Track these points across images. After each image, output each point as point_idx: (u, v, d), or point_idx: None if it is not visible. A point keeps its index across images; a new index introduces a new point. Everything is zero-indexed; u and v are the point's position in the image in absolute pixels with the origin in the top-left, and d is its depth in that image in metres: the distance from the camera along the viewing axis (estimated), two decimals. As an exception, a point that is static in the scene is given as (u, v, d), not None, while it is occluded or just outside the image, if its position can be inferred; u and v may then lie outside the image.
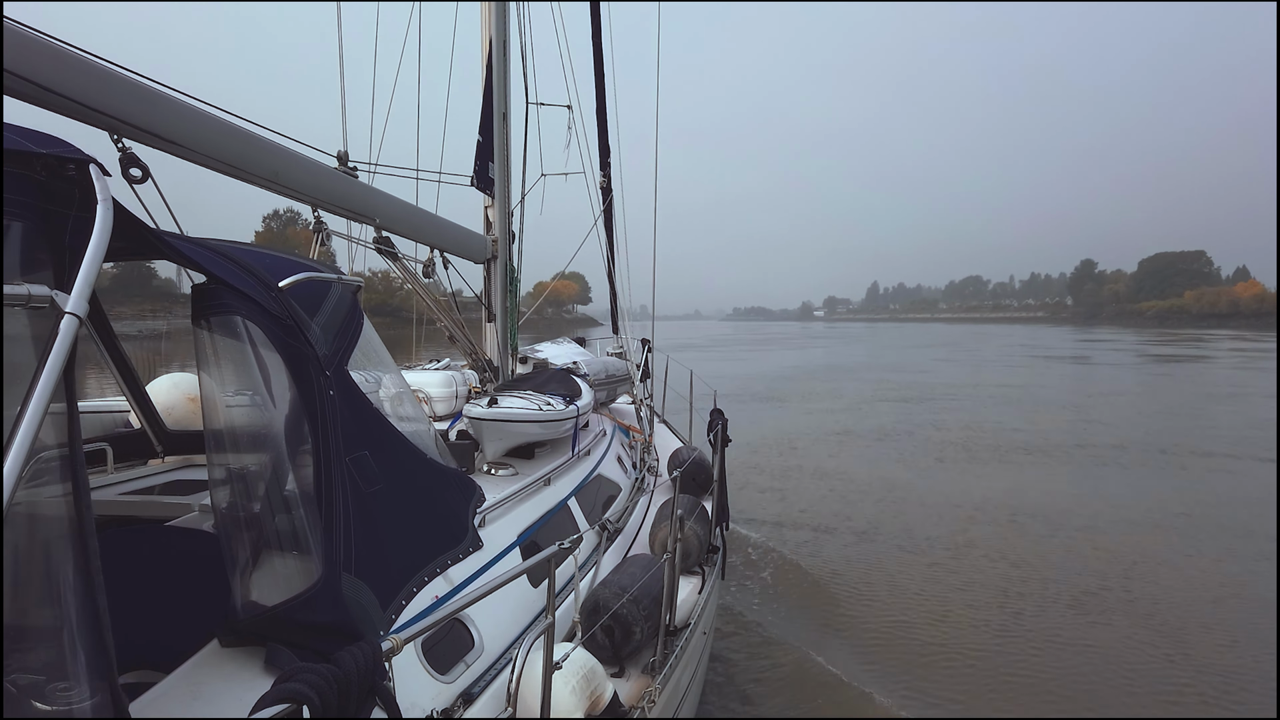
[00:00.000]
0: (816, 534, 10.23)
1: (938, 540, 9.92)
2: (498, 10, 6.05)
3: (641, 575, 3.54)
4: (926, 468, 14.58)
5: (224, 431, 2.16)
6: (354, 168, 4.50)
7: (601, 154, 8.54)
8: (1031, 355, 52.44)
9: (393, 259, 4.81)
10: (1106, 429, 19.21)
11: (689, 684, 4.07)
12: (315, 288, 2.54)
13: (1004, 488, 12.85)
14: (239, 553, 2.05)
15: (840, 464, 14.84)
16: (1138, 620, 7.43)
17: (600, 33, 8.29)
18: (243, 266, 2.25)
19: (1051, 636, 7.05)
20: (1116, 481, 13.41)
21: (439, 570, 2.81)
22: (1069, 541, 9.89)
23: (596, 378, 6.91)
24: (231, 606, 2.01)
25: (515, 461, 4.43)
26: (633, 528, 5.06)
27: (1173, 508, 11.55)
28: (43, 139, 1.65)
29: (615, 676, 3.32)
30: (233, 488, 2.13)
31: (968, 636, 7.05)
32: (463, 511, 3.23)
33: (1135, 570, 8.83)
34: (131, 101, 2.69)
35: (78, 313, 1.40)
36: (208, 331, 2.13)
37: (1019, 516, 11.02)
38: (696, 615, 4.05)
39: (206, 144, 3.07)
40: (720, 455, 5.56)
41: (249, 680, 1.91)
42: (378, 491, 2.50)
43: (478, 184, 6.02)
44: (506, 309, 6.23)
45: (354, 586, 2.22)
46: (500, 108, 6.09)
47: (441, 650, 2.69)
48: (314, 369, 2.28)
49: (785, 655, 6.57)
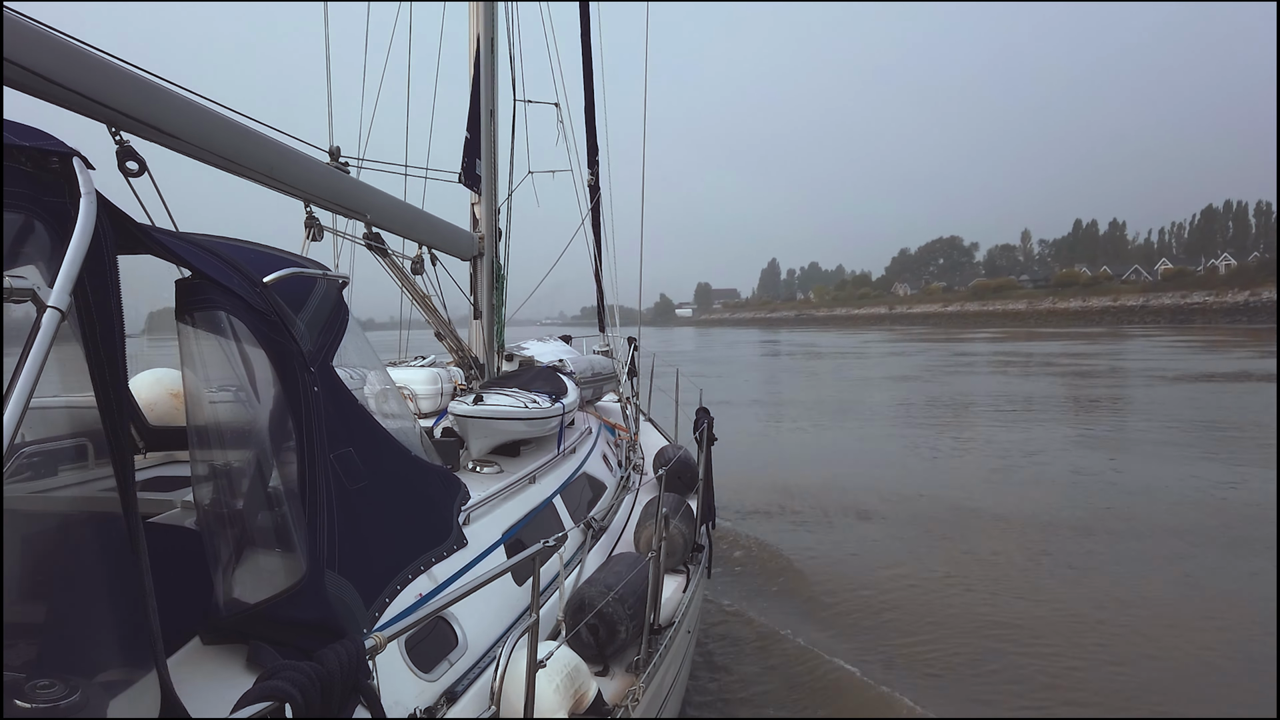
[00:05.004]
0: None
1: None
2: (485, 8, 6.03)
3: (626, 573, 3.55)
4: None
5: (207, 427, 2.15)
6: (345, 163, 4.48)
7: (589, 152, 8.54)
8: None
9: (382, 255, 4.79)
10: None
11: (673, 683, 4.09)
12: (300, 283, 2.53)
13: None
14: (221, 550, 2.04)
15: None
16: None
17: (589, 31, 8.29)
18: (227, 261, 2.24)
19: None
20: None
21: (423, 568, 2.80)
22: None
23: (582, 376, 6.91)
24: (214, 604, 2.00)
25: (500, 459, 4.43)
26: (618, 526, 5.07)
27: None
28: (26, 132, 1.63)
29: (599, 675, 3.32)
30: (215, 484, 2.12)
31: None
32: (447, 509, 3.23)
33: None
34: (131, 94, 2.66)
35: (60, 306, 1.39)
36: (191, 327, 2.12)
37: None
38: (681, 614, 4.07)
39: (205, 138, 3.05)
40: (706, 454, 5.58)
41: (231, 678, 1.90)
42: (362, 488, 2.49)
43: (465, 181, 6.00)
44: (493, 306, 6.22)
45: (337, 584, 2.21)
46: (488, 104, 6.07)
47: (425, 648, 2.69)
48: (298, 365, 2.27)
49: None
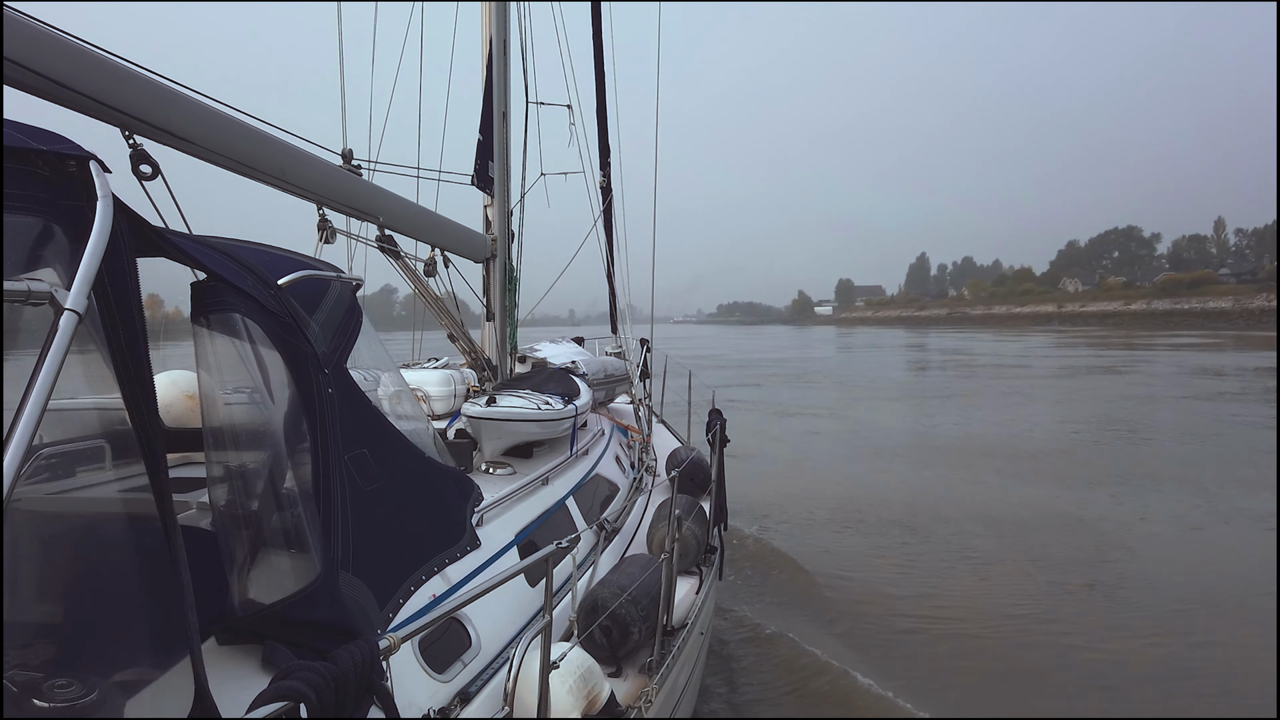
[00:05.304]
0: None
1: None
2: (498, 10, 6.05)
3: (639, 575, 3.54)
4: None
5: (223, 429, 2.16)
6: (358, 166, 4.50)
7: (601, 154, 8.54)
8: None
9: (395, 257, 4.81)
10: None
11: (686, 684, 4.07)
12: (314, 286, 2.54)
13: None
14: (237, 550, 2.05)
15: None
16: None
17: (600, 32, 8.29)
18: (242, 264, 2.25)
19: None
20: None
21: (437, 569, 2.81)
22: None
23: (595, 377, 6.91)
24: (229, 604, 2.01)
25: (513, 461, 4.43)
26: (630, 527, 5.06)
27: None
28: (44, 135, 1.65)
29: (612, 676, 3.32)
30: (231, 485, 2.13)
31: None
32: (460, 510, 3.23)
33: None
34: (145, 98, 2.68)
35: (77, 309, 1.39)
36: (207, 329, 2.13)
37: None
38: (694, 615, 4.06)
39: (218, 142, 3.06)
40: (719, 455, 5.56)
41: (246, 678, 1.91)
42: (376, 490, 2.50)
43: (478, 183, 6.02)
44: (505, 308, 6.24)
45: (352, 585, 2.22)
46: (500, 107, 6.09)
47: (439, 649, 2.69)
48: (313, 367, 2.28)
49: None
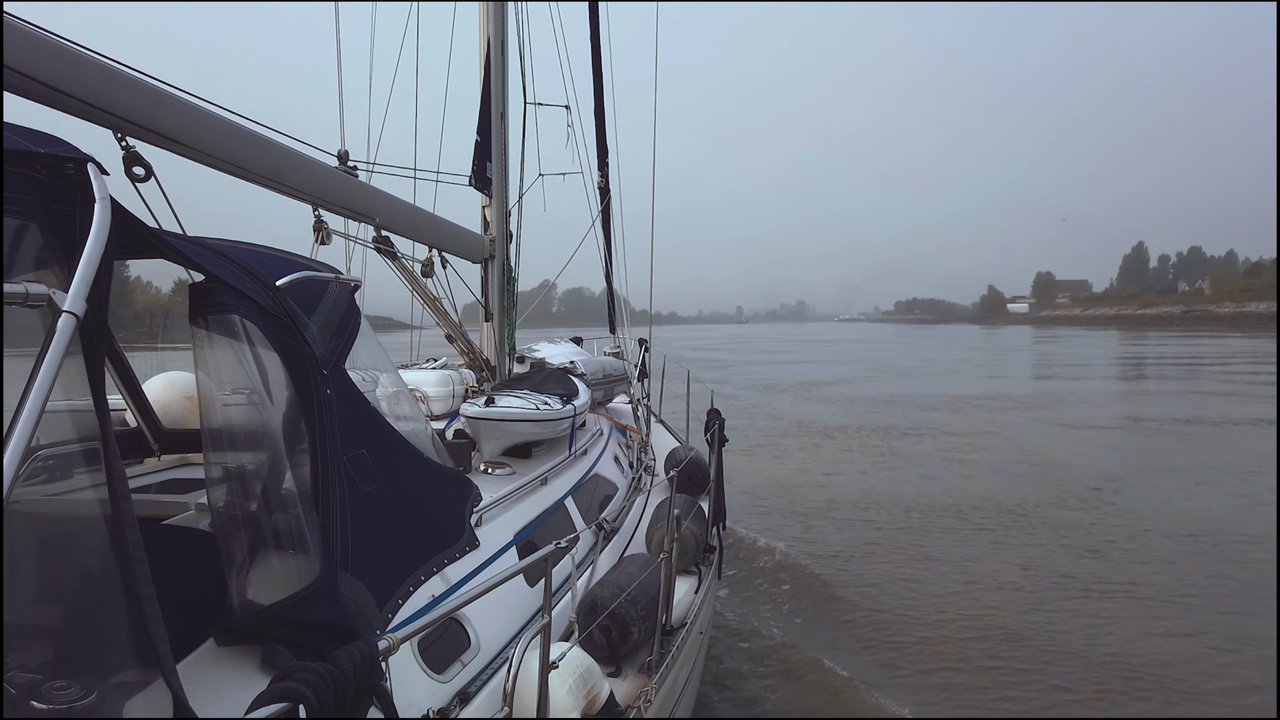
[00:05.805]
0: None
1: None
2: (495, 10, 6.04)
3: (638, 575, 3.55)
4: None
5: (221, 430, 2.16)
6: (354, 167, 4.50)
7: (600, 154, 8.54)
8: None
9: (391, 258, 4.81)
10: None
11: (685, 683, 4.08)
12: (313, 286, 2.54)
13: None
14: (235, 551, 2.05)
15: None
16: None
17: (598, 33, 8.28)
18: (240, 265, 2.25)
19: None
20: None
21: (436, 569, 2.81)
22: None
23: (593, 377, 6.91)
24: (228, 605, 2.01)
25: (512, 461, 4.43)
26: (629, 527, 5.07)
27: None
28: (41, 138, 1.65)
29: (612, 676, 3.32)
30: (229, 486, 2.13)
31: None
32: (459, 511, 3.23)
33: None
34: (136, 100, 2.67)
35: (75, 311, 1.40)
36: (205, 330, 2.13)
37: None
38: (693, 615, 4.06)
39: (210, 143, 3.06)
40: (717, 455, 5.56)
41: (245, 679, 1.91)
42: (375, 490, 2.50)
43: (476, 184, 6.01)
44: (504, 308, 6.24)
45: (351, 585, 2.22)
46: (498, 107, 6.09)
47: (438, 649, 2.69)
48: (311, 368, 2.28)
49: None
